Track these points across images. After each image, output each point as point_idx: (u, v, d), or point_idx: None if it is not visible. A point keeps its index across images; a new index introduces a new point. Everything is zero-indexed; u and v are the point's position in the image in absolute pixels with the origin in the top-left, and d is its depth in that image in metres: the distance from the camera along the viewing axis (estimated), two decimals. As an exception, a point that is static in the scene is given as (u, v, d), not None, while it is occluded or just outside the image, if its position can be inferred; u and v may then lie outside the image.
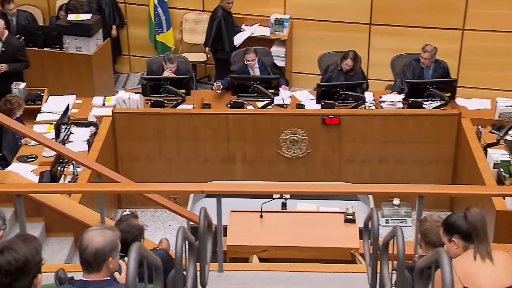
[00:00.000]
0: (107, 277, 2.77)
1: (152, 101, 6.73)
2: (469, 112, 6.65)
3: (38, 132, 6.00)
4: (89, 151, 6.18)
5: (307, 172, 6.66)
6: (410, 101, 6.59)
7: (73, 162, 5.69)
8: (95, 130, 6.50)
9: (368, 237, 4.01)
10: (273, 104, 6.72)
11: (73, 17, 7.75)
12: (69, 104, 6.66)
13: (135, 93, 6.87)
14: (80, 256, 2.77)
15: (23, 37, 7.75)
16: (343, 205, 5.67)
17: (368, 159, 6.61)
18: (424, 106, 6.58)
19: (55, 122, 6.23)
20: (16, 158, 6.08)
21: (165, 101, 6.73)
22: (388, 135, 6.51)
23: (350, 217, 5.40)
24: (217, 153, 6.66)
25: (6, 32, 7.30)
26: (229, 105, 6.76)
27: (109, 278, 2.78)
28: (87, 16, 7.79)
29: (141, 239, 3.68)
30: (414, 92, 6.60)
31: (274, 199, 5.62)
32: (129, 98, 6.72)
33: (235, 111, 6.65)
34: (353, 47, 7.66)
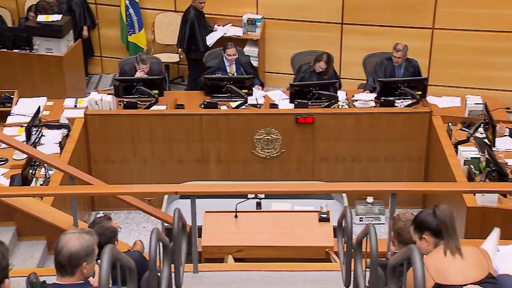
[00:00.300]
0: (80, 281, 2.75)
1: (124, 102, 6.68)
2: (439, 110, 6.75)
3: (8, 135, 5.92)
4: (61, 153, 6.11)
5: (281, 171, 6.69)
6: (382, 100, 6.66)
7: (44, 165, 5.63)
8: (67, 132, 6.44)
9: (342, 236, 4.05)
10: (246, 104, 6.73)
11: (42, 18, 7.66)
12: (40, 106, 6.58)
13: (108, 94, 6.81)
14: (54, 258, 2.75)
15: (-8, 39, 7.64)
16: (317, 204, 5.70)
17: (342, 157, 6.66)
18: (396, 104, 6.65)
19: (25, 125, 6.15)
20: (-14, 161, 5.99)
21: (138, 102, 6.69)
22: (361, 133, 6.57)
23: (325, 215, 5.43)
24: (191, 153, 6.65)
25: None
26: (202, 106, 6.75)
27: (83, 281, 2.76)
28: (57, 17, 7.70)
29: (114, 241, 3.65)
30: (386, 90, 6.67)
31: (249, 199, 5.62)
32: (101, 99, 6.67)
33: (208, 112, 6.64)
34: (325, 46, 7.72)
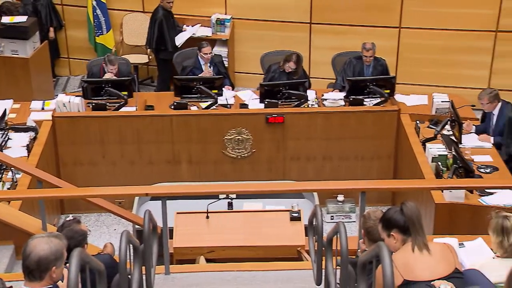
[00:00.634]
0: (49, 285, 2.71)
1: (93, 104, 6.62)
2: (407, 108, 6.83)
3: (-26, 139, 5.81)
4: (28, 156, 6.02)
5: (252, 171, 6.69)
6: (351, 99, 6.71)
7: (12, 168, 5.54)
8: (34, 135, 6.34)
9: (313, 234, 4.07)
10: (216, 105, 6.73)
11: (7, 19, 7.54)
12: (6, 109, 6.49)
13: (76, 96, 6.74)
14: (22, 263, 2.71)
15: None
16: (288, 203, 5.73)
17: (312, 156, 6.70)
18: (365, 103, 6.71)
19: (-9, 128, 6.05)
20: (-49, 166, 5.87)
21: (107, 104, 6.63)
22: (331, 132, 6.61)
23: (296, 214, 5.46)
24: (162, 155, 6.62)
25: None
26: (172, 107, 6.73)
27: (52, 286, 2.73)
28: (22, 18, 7.59)
29: (84, 245, 3.62)
30: (355, 89, 6.73)
31: (220, 199, 5.62)
32: (69, 101, 6.59)
33: (178, 113, 6.61)
34: (294, 46, 7.76)
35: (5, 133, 6.20)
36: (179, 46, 8.06)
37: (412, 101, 7.02)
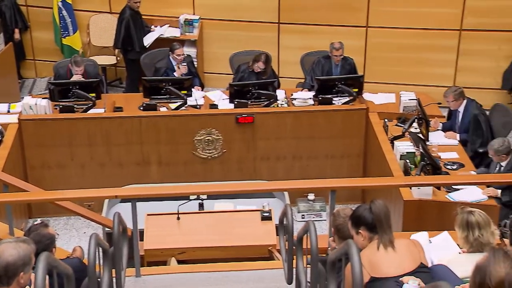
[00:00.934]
0: (17, 291, 2.68)
1: (61, 106, 6.54)
2: (376, 106, 6.91)
3: None
4: (-6, 160, 5.92)
5: (223, 171, 6.69)
6: (320, 98, 6.76)
7: (-23, 173, 5.44)
8: (0, 139, 6.24)
9: (283, 233, 4.09)
10: (186, 105, 6.70)
11: (-29, 21, 7.41)
12: (-30, 113, 6.37)
13: (43, 98, 6.65)
14: (-10, 268, 2.66)
15: None
16: (259, 203, 5.75)
17: (282, 156, 6.73)
18: (333, 102, 6.76)
19: (-44, 132, 5.93)
20: None
21: (75, 106, 6.56)
22: (301, 131, 6.65)
23: (267, 214, 5.48)
24: (131, 156, 6.57)
25: None
26: (141, 108, 6.68)
27: (19, 291, 2.69)
28: (-14, 20, 7.46)
29: (52, 249, 3.57)
30: (323, 88, 6.78)
31: (191, 200, 5.61)
32: (36, 104, 6.50)
33: (148, 114, 6.57)
34: (263, 46, 7.77)
35: (-30, 137, 6.09)
36: (147, 47, 8.01)
37: (380, 99, 7.10)
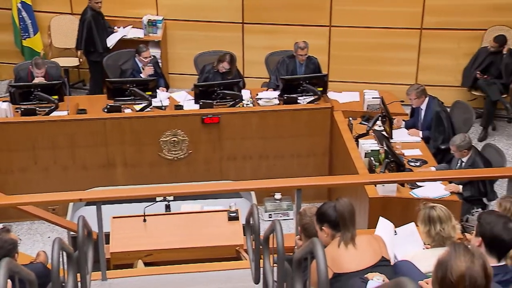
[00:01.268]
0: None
1: (22, 109, 6.44)
2: (340, 105, 6.97)
3: None
4: (-46, 165, 5.79)
5: (189, 172, 6.67)
6: (285, 97, 6.79)
7: None
8: (-40, 143, 6.11)
9: (250, 233, 4.10)
10: (151, 107, 6.66)
11: None
12: None
13: (3, 101, 6.54)
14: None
15: None
16: (226, 203, 5.74)
17: (249, 155, 6.74)
18: (298, 101, 6.81)
19: None
20: None
21: (37, 108, 6.46)
22: (266, 131, 6.67)
23: (234, 214, 5.48)
24: (96, 159, 6.50)
25: None
26: (105, 110, 6.61)
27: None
28: None
29: (14, 254, 3.51)
30: (288, 88, 6.81)
31: (157, 202, 5.57)
32: (-4, 107, 6.38)
33: (112, 116, 6.51)
34: (227, 46, 7.77)
35: None
36: (110, 48, 7.93)
37: (344, 98, 7.16)
